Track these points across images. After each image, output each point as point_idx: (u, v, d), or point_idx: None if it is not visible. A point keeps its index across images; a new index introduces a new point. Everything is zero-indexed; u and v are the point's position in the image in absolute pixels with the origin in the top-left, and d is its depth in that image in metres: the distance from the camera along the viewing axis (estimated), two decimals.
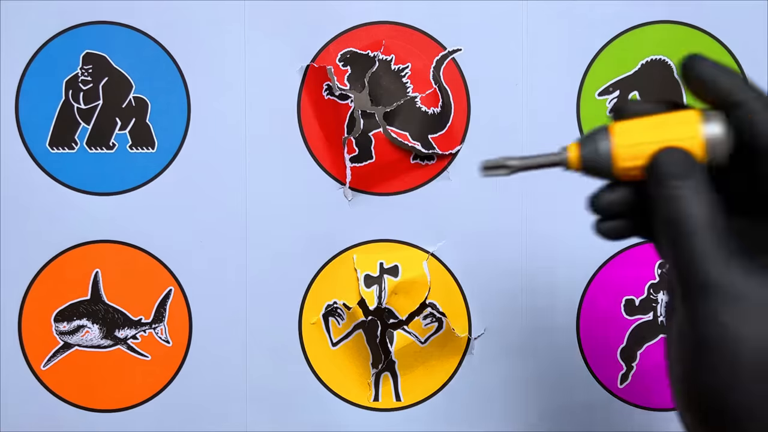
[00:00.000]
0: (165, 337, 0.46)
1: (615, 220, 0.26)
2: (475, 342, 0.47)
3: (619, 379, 0.47)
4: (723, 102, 0.23)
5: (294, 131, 0.46)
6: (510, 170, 0.26)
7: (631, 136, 0.24)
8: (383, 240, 0.47)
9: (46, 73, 0.46)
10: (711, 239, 0.22)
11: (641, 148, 0.23)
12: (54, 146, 0.46)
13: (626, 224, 0.26)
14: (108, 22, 0.46)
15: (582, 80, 0.46)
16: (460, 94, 0.46)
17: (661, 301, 0.47)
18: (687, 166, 0.23)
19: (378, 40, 0.46)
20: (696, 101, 0.24)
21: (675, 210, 0.23)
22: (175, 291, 0.46)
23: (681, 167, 0.23)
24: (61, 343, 0.46)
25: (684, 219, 0.22)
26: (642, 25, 0.46)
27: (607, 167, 0.24)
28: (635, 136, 0.23)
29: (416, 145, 0.46)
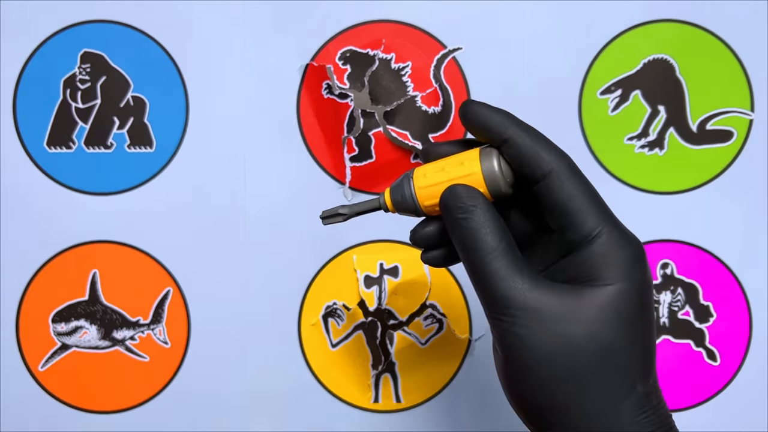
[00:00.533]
0: (163, 338, 0.46)
1: (435, 250, 0.29)
2: (476, 343, 0.46)
3: None
4: (496, 139, 0.26)
5: (293, 130, 0.46)
6: (344, 217, 0.29)
7: (427, 178, 0.27)
8: (383, 240, 0.46)
9: (43, 72, 0.46)
10: (498, 260, 0.25)
11: (436, 189, 0.27)
12: (52, 146, 0.46)
13: (444, 253, 0.29)
14: (106, 20, 0.46)
15: (583, 79, 0.46)
16: (460, 94, 0.46)
17: (662, 302, 0.46)
18: (469, 199, 0.26)
19: (378, 38, 0.46)
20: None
21: (465, 238, 0.25)
22: (174, 292, 0.46)
23: (464, 201, 0.26)
24: (59, 344, 0.46)
25: (473, 244, 0.25)
26: (643, 24, 0.46)
27: (414, 207, 0.28)
28: (430, 178, 0.27)
29: (416, 145, 0.45)
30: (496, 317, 0.25)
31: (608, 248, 0.25)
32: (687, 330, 0.46)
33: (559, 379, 0.24)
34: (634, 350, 0.24)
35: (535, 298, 0.24)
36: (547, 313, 0.24)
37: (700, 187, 0.46)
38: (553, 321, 0.24)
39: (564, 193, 0.25)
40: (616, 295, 0.24)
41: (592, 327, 0.24)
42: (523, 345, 0.24)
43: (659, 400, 0.25)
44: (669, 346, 0.46)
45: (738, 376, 0.46)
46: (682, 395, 0.46)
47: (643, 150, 0.46)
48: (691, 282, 0.46)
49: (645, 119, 0.46)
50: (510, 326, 0.24)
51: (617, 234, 0.25)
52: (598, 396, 0.24)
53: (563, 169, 0.26)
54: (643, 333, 0.24)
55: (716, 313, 0.46)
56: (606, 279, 0.24)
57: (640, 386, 0.24)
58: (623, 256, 0.24)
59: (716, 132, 0.46)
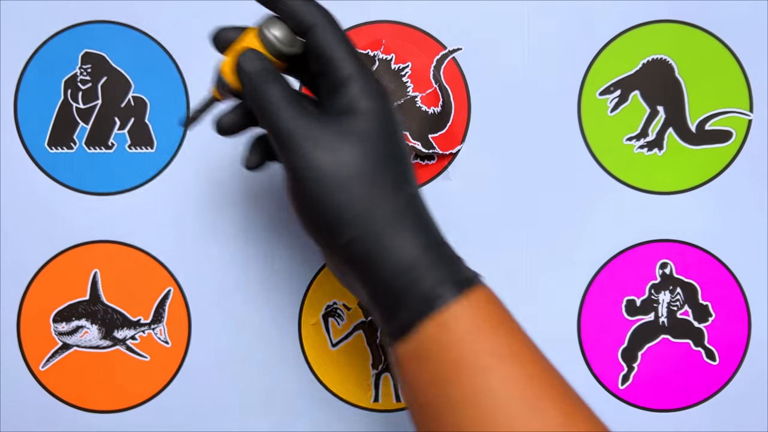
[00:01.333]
0: (164, 338, 0.46)
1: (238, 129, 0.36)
2: None
3: (620, 379, 0.46)
4: (270, 6, 0.33)
5: None
6: (194, 120, 0.36)
7: (226, 63, 0.33)
8: None
9: (44, 73, 0.46)
10: (284, 107, 0.31)
11: (232, 62, 0.33)
12: (53, 146, 0.46)
13: (240, 121, 0.36)
14: (107, 21, 0.46)
15: (583, 79, 0.46)
16: (460, 94, 0.46)
17: (661, 302, 0.47)
18: (252, 60, 0.32)
19: (378, 39, 0.46)
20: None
21: (258, 94, 0.32)
22: (174, 291, 0.46)
23: (250, 63, 0.32)
24: (60, 343, 0.46)
25: (262, 94, 0.32)
26: (643, 25, 0.46)
27: (230, 88, 0.33)
28: (228, 58, 0.33)
29: (416, 145, 0.45)
30: (284, 149, 0.31)
31: (360, 88, 0.31)
32: (686, 330, 0.46)
33: (333, 191, 0.30)
34: (389, 164, 0.31)
35: (312, 128, 0.31)
36: (320, 140, 0.30)
37: (699, 187, 0.47)
38: (325, 145, 0.30)
39: (326, 43, 0.32)
40: (369, 121, 0.31)
41: (354, 147, 0.31)
42: (304, 167, 0.30)
43: (423, 207, 0.32)
44: (668, 346, 0.46)
45: (737, 375, 0.46)
46: (681, 395, 0.46)
47: (642, 150, 0.46)
48: (690, 282, 0.46)
49: (644, 119, 0.46)
50: (294, 155, 0.31)
51: (366, 78, 0.32)
52: (365, 202, 0.30)
53: (325, 23, 0.32)
54: (394, 150, 0.32)
55: (715, 312, 0.46)
56: (360, 110, 0.31)
57: (400, 192, 0.31)
58: (372, 93, 0.32)
59: (715, 132, 0.46)
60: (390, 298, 0.31)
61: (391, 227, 0.30)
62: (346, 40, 0.32)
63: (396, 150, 0.32)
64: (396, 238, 0.30)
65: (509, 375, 0.28)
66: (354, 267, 0.31)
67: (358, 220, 0.30)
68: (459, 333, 0.29)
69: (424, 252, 0.30)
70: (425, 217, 0.32)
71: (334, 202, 0.30)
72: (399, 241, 0.30)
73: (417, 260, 0.30)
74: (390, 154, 0.31)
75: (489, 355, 0.29)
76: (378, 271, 0.30)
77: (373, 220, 0.30)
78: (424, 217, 0.32)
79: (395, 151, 0.32)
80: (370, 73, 0.32)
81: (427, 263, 0.30)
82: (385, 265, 0.30)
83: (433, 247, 0.31)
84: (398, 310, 0.30)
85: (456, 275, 0.31)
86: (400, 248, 0.30)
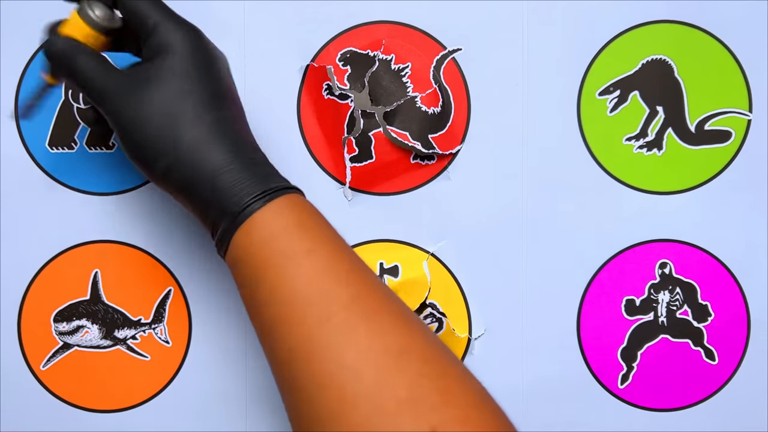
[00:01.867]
0: (165, 338, 0.46)
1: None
2: (475, 342, 0.47)
3: (620, 379, 0.46)
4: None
5: (294, 131, 0.46)
6: (31, 108, 0.39)
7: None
8: (383, 240, 0.47)
9: None
10: (89, 67, 0.35)
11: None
12: (53, 146, 0.46)
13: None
14: None
15: (582, 80, 0.46)
16: (460, 94, 0.46)
17: (661, 302, 0.47)
18: (54, 43, 0.36)
19: (378, 39, 0.46)
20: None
21: (64, 64, 0.36)
22: (175, 291, 0.46)
23: (53, 46, 0.36)
24: (61, 343, 0.46)
25: (70, 68, 0.35)
26: (642, 25, 0.46)
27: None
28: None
29: (416, 145, 0.45)
30: (100, 106, 0.35)
31: (167, 30, 0.35)
32: (685, 329, 0.46)
33: (141, 128, 0.34)
34: (193, 92, 0.34)
35: (118, 79, 0.35)
36: (125, 87, 0.34)
37: (698, 187, 0.47)
38: (130, 90, 0.34)
39: (132, 4, 0.36)
40: (173, 57, 0.35)
41: (156, 85, 0.34)
42: (116, 112, 0.35)
43: (232, 127, 0.35)
44: (667, 345, 0.46)
45: (736, 375, 0.47)
46: (680, 394, 0.46)
47: (641, 150, 0.46)
48: (689, 281, 0.47)
49: (643, 120, 0.46)
50: (108, 106, 0.35)
51: (173, 21, 0.36)
52: (169, 132, 0.34)
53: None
54: (201, 78, 0.35)
55: (714, 312, 0.46)
56: (165, 49, 0.35)
57: (205, 117, 0.34)
58: (178, 34, 0.35)
59: (714, 132, 0.47)
60: (209, 218, 0.34)
61: (197, 153, 0.34)
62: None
63: (202, 77, 0.35)
64: (203, 162, 0.34)
65: (306, 269, 0.31)
66: (176, 195, 0.35)
67: (167, 149, 0.34)
68: (263, 238, 0.32)
69: (228, 172, 0.34)
70: (232, 137, 0.35)
71: (144, 137, 0.34)
72: (205, 165, 0.34)
73: (222, 180, 0.33)
74: (194, 83, 0.35)
75: (285, 254, 0.32)
76: (193, 195, 0.34)
77: (180, 148, 0.34)
78: (231, 137, 0.35)
79: (201, 79, 0.35)
80: (175, 16, 0.36)
81: (231, 182, 0.33)
82: (197, 188, 0.34)
83: (239, 166, 0.34)
84: (217, 228, 0.34)
85: (262, 187, 0.34)
86: (206, 172, 0.34)
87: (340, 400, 0.28)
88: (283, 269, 0.32)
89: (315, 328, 0.30)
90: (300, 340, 0.30)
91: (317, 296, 0.31)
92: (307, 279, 0.31)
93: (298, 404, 0.30)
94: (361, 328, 0.29)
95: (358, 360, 0.29)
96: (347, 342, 0.29)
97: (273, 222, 0.33)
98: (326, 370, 0.29)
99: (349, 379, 0.28)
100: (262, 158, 0.36)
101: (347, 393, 0.28)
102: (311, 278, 0.31)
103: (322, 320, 0.30)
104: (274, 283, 0.32)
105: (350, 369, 0.28)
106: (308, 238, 0.33)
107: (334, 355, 0.29)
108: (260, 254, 0.32)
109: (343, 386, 0.28)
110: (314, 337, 0.30)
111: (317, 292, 0.31)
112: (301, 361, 0.30)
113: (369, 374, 0.28)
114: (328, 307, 0.30)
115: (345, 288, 0.31)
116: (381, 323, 0.30)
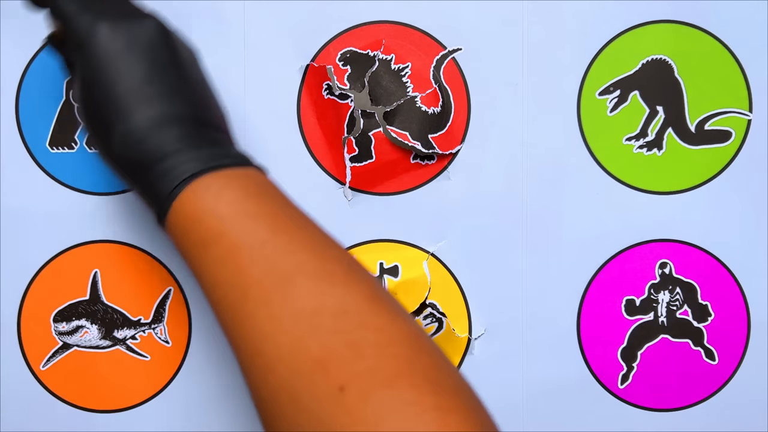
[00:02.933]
0: (164, 338, 0.46)
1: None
2: (475, 342, 0.47)
3: (620, 379, 0.46)
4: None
5: (294, 131, 0.46)
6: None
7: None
8: (383, 240, 0.47)
9: (46, 73, 0.46)
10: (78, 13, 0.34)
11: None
12: (54, 146, 0.46)
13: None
14: None
15: (582, 80, 0.46)
16: (460, 94, 0.46)
17: (661, 301, 0.47)
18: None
19: (378, 39, 0.46)
20: None
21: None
22: (175, 291, 0.46)
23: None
24: (60, 343, 0.46)
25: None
26: (642, 25, 0.46)
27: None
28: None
29: (416, 145, 0.45)
30: (79, 58, 0.35)
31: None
32: (685, 329, 0.46)
33: (120, 85, 0.34)
34: (178, 67, 0.36)
35: (105, 41, 0.34)
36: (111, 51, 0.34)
37: (698, 187, 0.47)
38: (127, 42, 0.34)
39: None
40: (172, 36, 0.36)
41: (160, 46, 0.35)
42: (97, 67, 0.34)
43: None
44: (667, 346, 0.46)
45: (736, 375, 0.47)
46: (680, 394, 0.46)
47: (641, 150, 0.47)
48: (689, 281, 0.47)
49: (643, 120, 0.46)
50: (90, 56, 0.34)
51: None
52: (149, 99, 0.34)
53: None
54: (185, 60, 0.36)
55: (714, 312, 0.46)
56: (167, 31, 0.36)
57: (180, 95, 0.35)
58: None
59: (714, 132, 0.47)
60: (153, 187, 0.34)
61: (151, 130, 0.34)
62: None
63: (190, 61, 0.37)
64: (155, 140, 0.34)
65: (218, 252, 0.31)
66: (124, 168, 0.35)
67: (126, 116, 0.34)
68: (185, 223, 0.32)
69: (182, 147, 0.33)
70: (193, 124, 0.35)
71: (113, 95, 0.34)
72: (155, 144, 0.33)
73: (175, 152, 0.33)
74: (181, 61, 0.36)
75: (204, 241, 0.32)
76: (142, 167, 0.34)
77: (137, 120, 0.34)
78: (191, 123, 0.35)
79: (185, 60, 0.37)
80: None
81: (183, 155, 0.33)
82: (147, 159, 0.33)
83: (192, 141, 0.34)
84: (155, 196, 0.34)
85: (210, 162, 0.33)
86: (154, 152, 0.33)
87: (266, 369, 0.29)
88: (201, 258, 0.32)
89: (238, 309, 0.31)
90: (227, 322, 0.31)
91: (231, 278, 0.31)
92: (221, 262, 0.31)
93: (249, 386, 0.31)
94: (275, 297, 0.30)
95: (274, 328, 0.29)
96: (264, 314, 0.30)
97: (195, 205, 0.32)
98: (252, 346, 0.30)
99: (269, 347, 0.29)
100: (206, 130, 0.35)
101: (268, 361, 0.29)
102: (224, 261, 0.31)
103: (238, 300, 0.31)
104: (195, 270, 0.33)
105: (269, 338, 0.29)
106: (257, 205, 0.32)
107: (256, 330, 0.30)
108: (181, 242, 0.33)
109: (263, 354, 0.29)
110: (237, 318, 0.31)
111: (231, 273, 0.31)
112: (234, 339, 0.31)
113: (284, 340, 0.29)
114: (243, 286, 0.31)
115: (255, 265, 0.31)
116: (294, 287, 0.30)
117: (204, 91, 0.37)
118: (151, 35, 0.35)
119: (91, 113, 0.35)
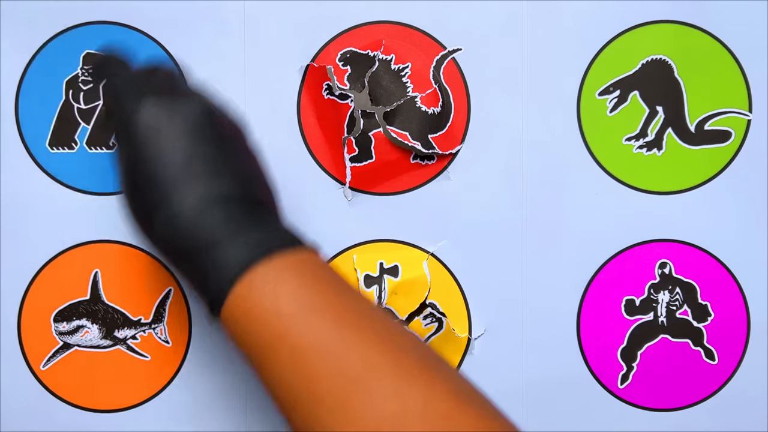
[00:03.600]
0: (165, 338, 0.46)
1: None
2: (475, 342, 0.47)
3: (620, 379, 0.46)
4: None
5: (294, 131, 0.46)
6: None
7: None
8: (383, 240, 0.47)
9: (46, 73, 0.46)
10: (130, 89, 0.35)
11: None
12: (54, 146, 0.46)
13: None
14: (108, 21, 0.46)
15: (582, 80, 0.46)
16: (460, 94, 0.46)
17: (661, 301, 0.47)
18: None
19: (378, 39, 0.46)
20: None
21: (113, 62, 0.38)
22: (175, 291, 0.46)
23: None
24: (61, 343, 0.46)
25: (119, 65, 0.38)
26: (642, 25, 0.46)
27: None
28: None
29: (416, 145, 0.46)
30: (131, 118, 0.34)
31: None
32: (685, 329, 0.46)
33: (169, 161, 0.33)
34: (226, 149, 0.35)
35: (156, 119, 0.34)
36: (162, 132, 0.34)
37: (698, 187, 0.47)
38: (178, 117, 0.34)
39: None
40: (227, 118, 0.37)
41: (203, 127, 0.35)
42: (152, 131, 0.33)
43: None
44: (667, 345, 0.46)
45: (736, 375, 0.47)
46: (680, 394, 0.47)
47: (641, 150, 0.47)
48: (689, 281, 0.47)
49: (643, 120, 0.46)
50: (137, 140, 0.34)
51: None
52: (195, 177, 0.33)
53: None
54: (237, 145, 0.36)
55: (714, 312, 0.47)
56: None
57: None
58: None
59: (714, 132, 0.47)
60: (204, 280, 0.32)
61: (200, 213, 0.32)
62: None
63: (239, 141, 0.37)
64: (204, 225, 0.32)
65: (317, 326, 0.30)
66: (170, 254, 0.34)
67: (172, 198, 0.32)
68: (264, 294, 0.31)
69: (228, 232, 0.32)
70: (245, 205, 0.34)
71: (161, 174, 0.33)
72: (205, 229, 0.32)
73: (223, 239, 0.32)
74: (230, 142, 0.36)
75: (288, 314, 0.30)
76: (190, 255, 0.32)
77: (184, 202, 0.32)
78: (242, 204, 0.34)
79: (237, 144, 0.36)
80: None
81: (230, 241, 0.32)
82: (194, 245, 0.32)
83: (239, 226, 0.32)
84: (207, 289, 0.32)
85: (261, 246, 0.32)
86: (204, 238, 0.32)
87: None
88: (264, 359, 0.31)
89: (309, 412, 0.30)
90: (296, 421, 0.31)
91: (299, 382, 0.30)
92: (287, 365, 0.30)
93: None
94: (352, 403, 0.29)
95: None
96: (340, 420, 0.29)
97: (275, 278, 0.31)
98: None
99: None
100: (258, 210, 0.34)
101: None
102: (290, 364, 0.30)
103: (309, 404, 0.30)
104: (257, 369, 0.32)
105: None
106: (317, 294, 0.31)
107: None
108: (240, 340, 0.32)
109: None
110: (309, 421, 0.30)
111: (299, 377, 0.30)
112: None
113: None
114: (313, 392, 0.30)
115: (325, 368, 0.30)
116: (371, 392, 0.29)
117: (251, 168, 0.36)
118: (195, 112, 0.34)
119: (134, 195, 0.33)
